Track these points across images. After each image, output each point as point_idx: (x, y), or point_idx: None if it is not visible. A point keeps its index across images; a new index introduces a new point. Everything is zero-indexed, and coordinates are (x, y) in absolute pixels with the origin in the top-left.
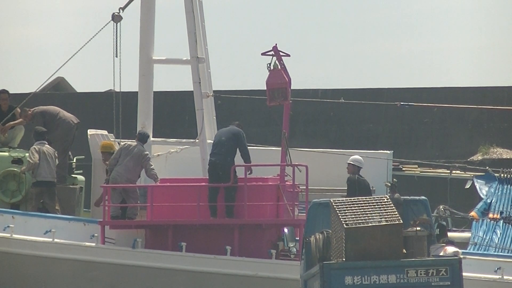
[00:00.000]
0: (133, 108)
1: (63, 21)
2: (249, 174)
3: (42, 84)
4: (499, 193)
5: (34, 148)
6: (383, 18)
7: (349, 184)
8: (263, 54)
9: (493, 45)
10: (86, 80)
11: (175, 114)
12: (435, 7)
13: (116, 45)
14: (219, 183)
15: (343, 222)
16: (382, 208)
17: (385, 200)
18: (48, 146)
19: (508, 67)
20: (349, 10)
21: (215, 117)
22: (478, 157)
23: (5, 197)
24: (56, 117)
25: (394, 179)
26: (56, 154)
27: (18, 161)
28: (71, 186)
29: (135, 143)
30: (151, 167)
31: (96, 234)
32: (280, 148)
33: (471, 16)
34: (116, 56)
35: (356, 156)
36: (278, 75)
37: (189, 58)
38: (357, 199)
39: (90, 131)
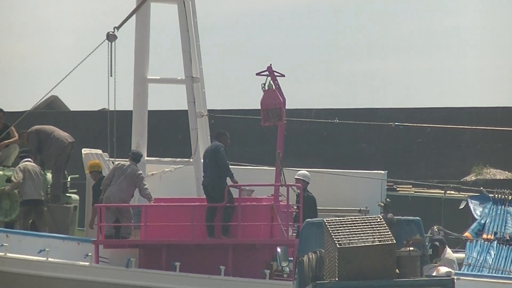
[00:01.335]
0: (127, 127)
1: (57, 39)
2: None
3: (36, 103)
4: (493, 213)
5: (19, 167)
6: (377, 38)
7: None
8: (257, 74)
9: (487, 66)
10: (80, 99)
11: (168, 133)
12: (428, 28)
13: (111, 64)
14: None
15: (336, 241)
16: (375, 228)
17: (378, 220)
18: (33, 164)
19: (502, 87)
20: (343, 31)
21: (209, 137)
22: (471, 177)
23: None
24: (50, 136)
25: (387, 199)
26: (41, 171)
27: (12, 180)
28: (65, 205)
29: (129, 163)
30: (145, 186)
31: (90, 254)
32: (274, 168)
33: (464, 37)
34: (111, 75)
35: (304, 171)
36: (273, 96)
37: (183, 78)
38: (350, 219)
39: (85, 150)
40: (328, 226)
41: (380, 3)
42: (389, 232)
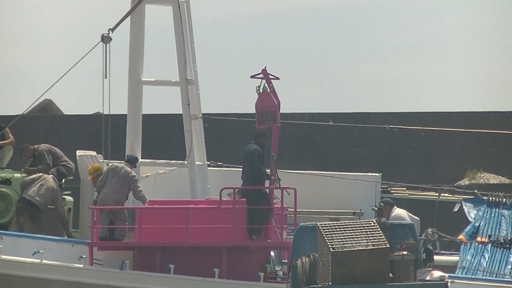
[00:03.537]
0: (121, 130)
1: (51, 42)
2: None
3: (29, 106)
4: (487, 216)
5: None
6: (371, 43)
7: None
8: (252, 77)
9: (480, 70)
10: (74, 102)
11: (161, 136)
12: (422, 32)
13: (106, 66)
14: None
15: (329, 246)
16: (369, 232)
17: (372, 224)
18: (53, 182)
19: (495, 92)
20: (337, 35)
21: (203, 139)
22: (465, 181)
23: None
24: (61, 159)
25: (381, 203)
26: (57, 193)
27: (6, 182)
28: None
29: (122, 164)
30: (139, 189)
31: (84, 256)
32: (269, 171)
33: (459, 41)
34: (106, 77)
35: None
36: (268, 98)
37: (178, 80)
38: (343, 223)
39: (79, 152)
40: (321, 230)
41: (375, 8)
42: (383, 236)
